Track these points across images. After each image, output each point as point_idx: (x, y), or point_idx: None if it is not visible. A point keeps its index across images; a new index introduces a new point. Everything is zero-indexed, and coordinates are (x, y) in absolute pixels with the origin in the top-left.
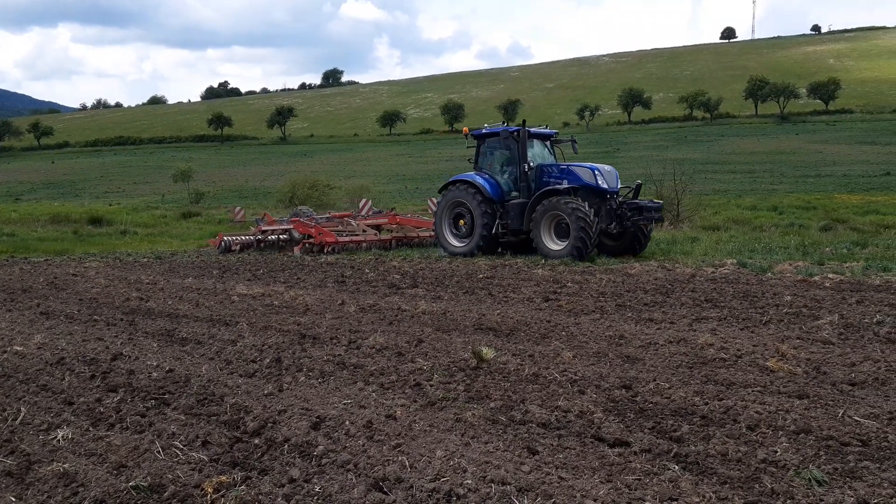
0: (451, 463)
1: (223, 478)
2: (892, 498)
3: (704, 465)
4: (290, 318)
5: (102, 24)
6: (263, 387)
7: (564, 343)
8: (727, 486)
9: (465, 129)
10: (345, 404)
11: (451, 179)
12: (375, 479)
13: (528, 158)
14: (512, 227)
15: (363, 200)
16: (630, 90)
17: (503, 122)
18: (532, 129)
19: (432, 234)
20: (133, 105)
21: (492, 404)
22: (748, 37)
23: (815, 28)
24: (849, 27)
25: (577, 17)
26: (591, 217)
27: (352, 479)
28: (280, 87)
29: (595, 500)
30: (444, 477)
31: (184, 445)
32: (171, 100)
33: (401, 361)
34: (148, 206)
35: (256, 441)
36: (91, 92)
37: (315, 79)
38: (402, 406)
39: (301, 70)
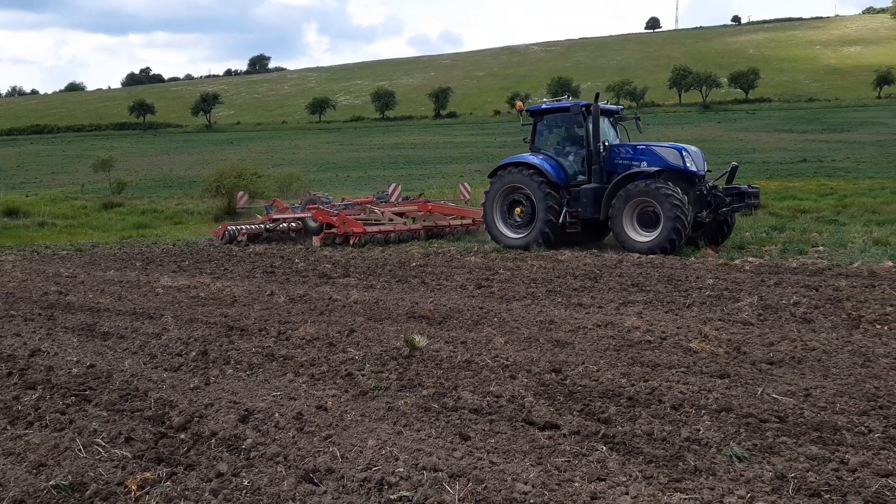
0: (383, 452)
1: (147, 474)
2: (808, 471)
3: (631, 445)
4: (217, 309)
5: (18, 8)
6: (189, 380)
7: (496, 329)
8: (653, 464)
9: (519, 104)
10: (274, 396)
11: (504, 161)
12: (306, 471)
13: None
14: (583, 216)
15: (392, 185)
16: (559, 79)
17: (567, 96)
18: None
19: (465, 223)
20: (50, 92)
21: (424, 392)
22: (672, 27)
23: (736, 19)
24: (767, 18)
25: (507, 4)
26: (687, 204)
27: (282, 471)
28: (205, 74)
29: (525, 484)
30: (375, 466)
31: (106, 442)
32: (91, 86)
33: (332, 352)
34: (67, 197)
35: (182, 436)
36: (5, 79)
37: (241, 65)
38: (333, 397)
39: (227, 56)
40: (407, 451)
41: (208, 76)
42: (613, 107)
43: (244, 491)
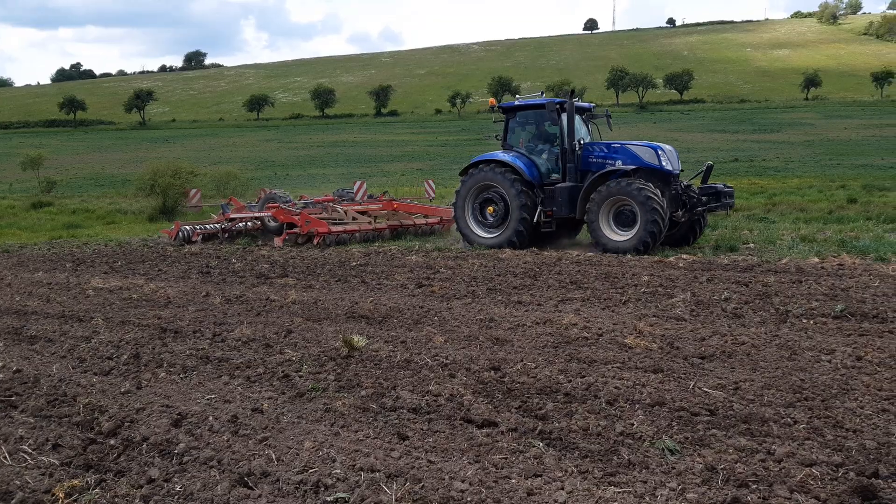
0: (320, 453)
1: (76, 481)
2: (736, 463)
3: (567, 441)
4: (151, 311)
5: None
6: (120, 384)
7: (437, 328)
8: (588, 459)
9: (491, 100)
10: (208, 399)
11: (475, 159)
12: (240, 475)
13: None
14: (558, 215)
15: (357, 182)
16: (499, 78)
17: (541, 93)
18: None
19: (430, 221)
20: None
21: (363, 392)
22: (610, 28)
23: (671, 21)
24: (701, 21)
25: (448, 3)
26: (664, 204)
27: (215, 475)
28: (139, 70)
29: (463, 482)
30: (312, 468)
31: (32, 449)
32: (19, 82)
33: (269, 353)
34: None
35: (112, 441)
36: None
37: (177, 61)
38: (269, 399)
39: (162, 52)
40: (344, 452)
41: (142, 72)
42: (585, 104)
43: (176, 497)
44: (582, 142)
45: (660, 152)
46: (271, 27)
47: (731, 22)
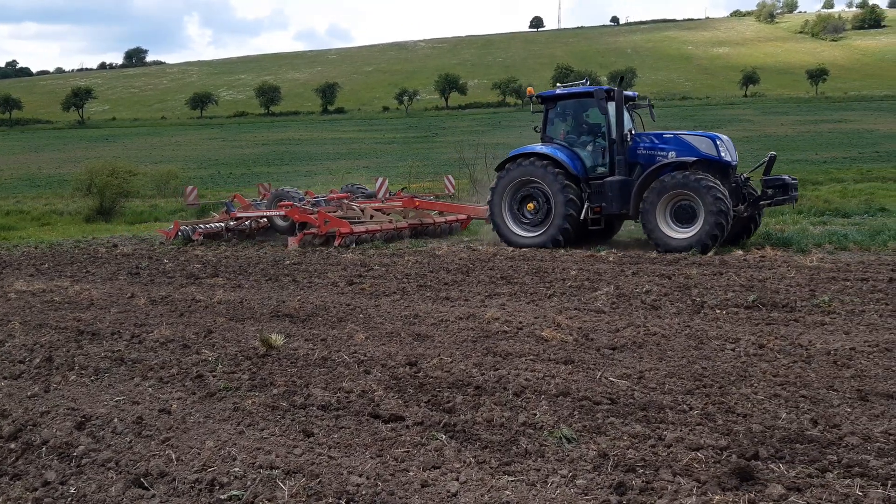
0: (222, 452)
1: None
2: (628, 449)
3: (470, 433)
4: (71, 314)
5: None
6: (29, 388)
7: (360, 325)
8: (487, 450)
9: (529, 89)
10: (116, 401)
11: (513, 153)
12: (137, 476)
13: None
14: (607, 211)
15: (379, 179)
16: (447, 76)
17: (585, 81)
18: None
19: (450, 219)
20: None
21: (275, 391)
22: (555, 26)
23: (615, 19)
24: (644, 19)
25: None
26: (729, 197)
27: (112, 476)
28: (77, 67)
29: (360, 476)
30: (211, 467)
31: None
32: None
33: (185, 354)
34: None
35: (12, 445)
36: None
37: (117, 58)
38: (178, 399)
39: (101, 49)
40: (246, 451)
41: (81, 69)
42: (630, 93)
43: (70, 499)
44: (633, 132)
45: (718, 142)
46: (216, 24)
47: (674, 20)
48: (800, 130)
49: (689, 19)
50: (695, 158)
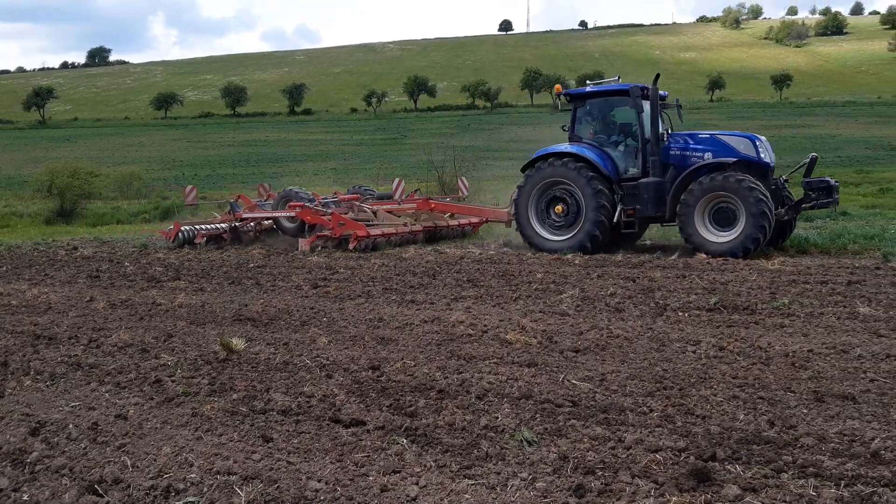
0: (178, 458)
1: None
2: (588, 451)
3: (432, 437)
4: (28, 318)
5: None
6: None
7: (323, 329)
8: (448, 453)
9: (557, 87)
10: (72, 407)
11: (540, 152)
12: (91, 482)
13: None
14: (642, 214)
15: (396, 181)
16: (416, 78)
17: (617, 78)
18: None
19: (463, 223)
20: None
21: (234, 396)
22: (524, 30)
23: (583, 24)
24: (611, 24)
25: (365, 1)
26: (771, 200)
27: (66, 483)
28: (39, 66)
29: (319, 481)
30: (167, 473)
31: None
32: None
33: (144, 358)
34: None
35: None
36: None
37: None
38: (136, 405)
39: (64, 48)
40: (203, 457)
41: (42, 69)
42: (661, 91)
43: None
44: (669, 131)
45: (757, 143)
46: (181, 23)
47: (641, 25)
48: (765, 135)
49: (656, 24)
50: (734, 159)
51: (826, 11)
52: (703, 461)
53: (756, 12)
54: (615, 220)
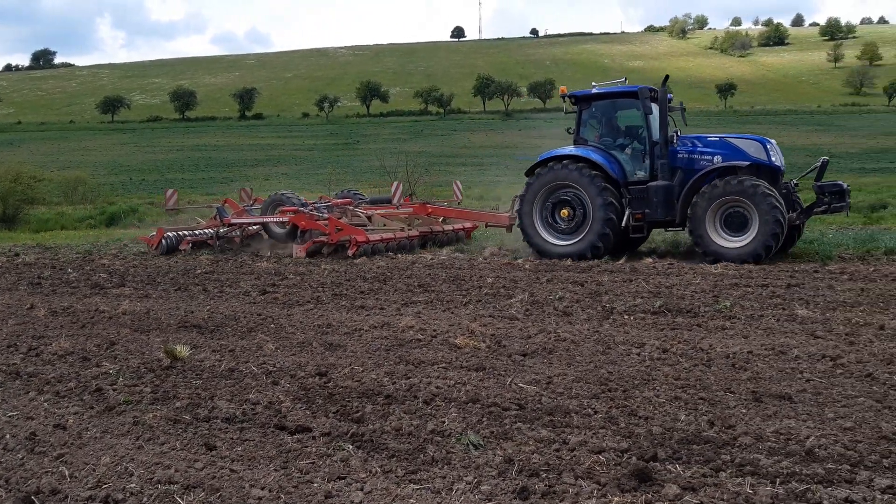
0: (118, 468)
1: None
2: (533, 454)
3: (378, 442)
4: None
5: None
6: None
7: (270, 335)
8: (395, 458)
9: (562, 88)
10: (9, 416)
11: (545, 155)
12: (27, 493)
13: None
14: (651, 218)
15: (395, 184)
16: (368, 83)
17: (624, 80)
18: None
19: (457, 228)
20: None
21: (177, 403)
22: (476, 37)
23: (534, 32)
24: (562, 32)
25: (317, 6)
26: (784, 205)
27: (1, 494)
28: None
29: (262, 489)
30: (106, 483)
31: None
32: None
33: (85, 367)
34: None
35: None
36: None
37: (23, 60)
38: (75, 414)
39: (6, 50)
40: (144, 466)
41: None
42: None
43: None
44: (679, 134)
45: (768, 146)
46: (129, 25)
47: (591, 34)
48: None
49: (605, 33)
50: (747, 163)
51: (768, 23)
52: (644, 461)
53: (701, 23)
54: (623, 224)
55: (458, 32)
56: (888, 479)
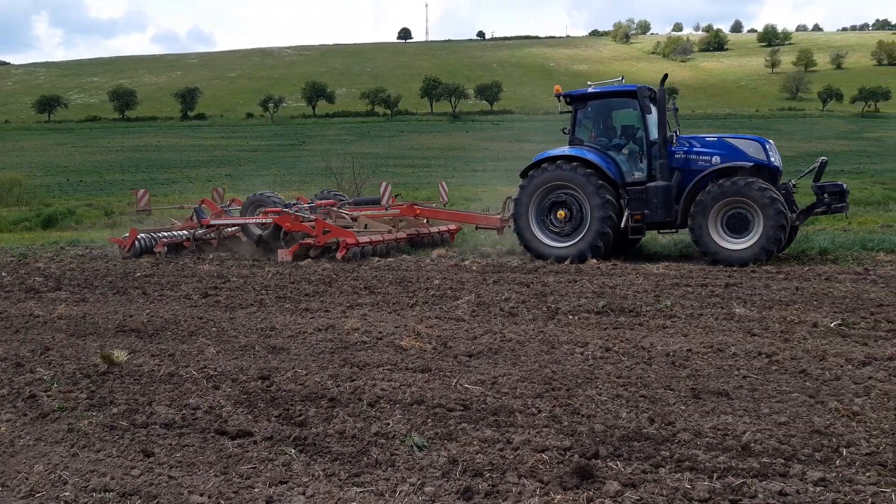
0: (52, 476)
1: None
2: (477, 454)
3: (321, 446)
4: None
5: None
6: None
7: (212, 339)
8: (338, 462)
9: (556, 87)
10: None
11: (541, 156)
12: None
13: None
14: (650, 219)
15: (383, 184)
16: (314, 84)
17: (621, 79)
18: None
19: (442, 230)
20: None
21: (114, 410)
22: (423, 38)
23: (481, 34)
24: (508, 35)
25: (261, 5)
26: (787, 206)
27: None
28: None
29: (202, 495)
30: (39, 492)
31: None
32: None
33: (18, 373)
34: None
35: None
36: None
37: None
38: (7, 422)
39: None
40: (79, 474)
41: None
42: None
43: None
44: (678, 133)
45: (767, 147)
46: (67, 23)
47: (536, 37)
48: None
49: (551, 37)
50: (750, 164)
51: (708, 28)
52: (586, 459)
53: (644, 28)
54: (622, 225)
55: (404, 34)
56: (820, 472)
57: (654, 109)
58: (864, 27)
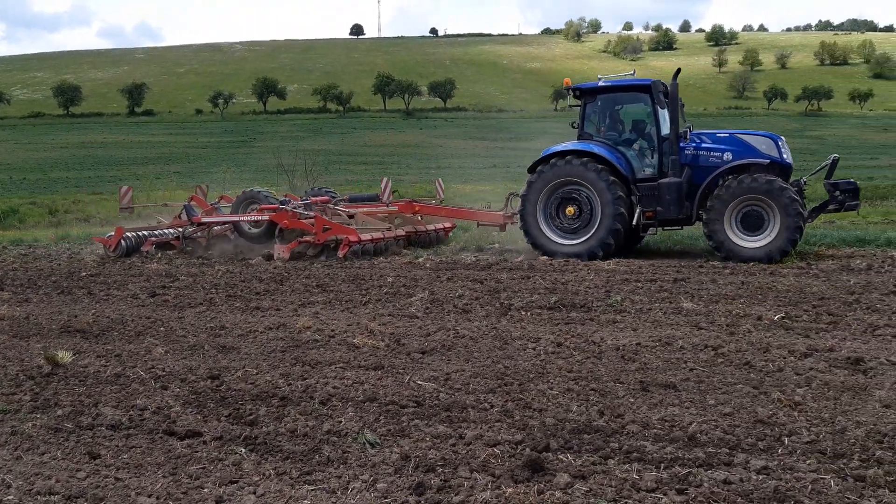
0: None
1: None
2: (430, 449)
3: (272, 445)
4: None
5: None
6: None
7: (160, 339)
8: (289, 460)
9: (566, 80)
10: None
11: (549, 151)
12: None
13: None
14: (663, 216)
15: (384, 181)
16: (265, 80)
17: (633, 72)
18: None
19: (438, 228)
20: None
21: (59, 411)
22: (376, 35)
23: (434, 31)
24: (461, 32)
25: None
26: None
27: None
28: None
29: (150, 496)
30: None
31: None
32: None
33: None
34: None
35: None
36: None
37: None
38: None
39: None
40: (23, 477)
41: None
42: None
43: None
44: (691, 129)
45: (779, 143)
46: (9, 17)
47: (489, 35)
48: None
49: (503, 34)
50: (767, 161)
51: (658, 28)
52: (537, 452)
53: (595, 27)
54: (633, 222)
55: (357, 30)
56: (763, 461)
57: (665, 104)
58: (807, 28)
